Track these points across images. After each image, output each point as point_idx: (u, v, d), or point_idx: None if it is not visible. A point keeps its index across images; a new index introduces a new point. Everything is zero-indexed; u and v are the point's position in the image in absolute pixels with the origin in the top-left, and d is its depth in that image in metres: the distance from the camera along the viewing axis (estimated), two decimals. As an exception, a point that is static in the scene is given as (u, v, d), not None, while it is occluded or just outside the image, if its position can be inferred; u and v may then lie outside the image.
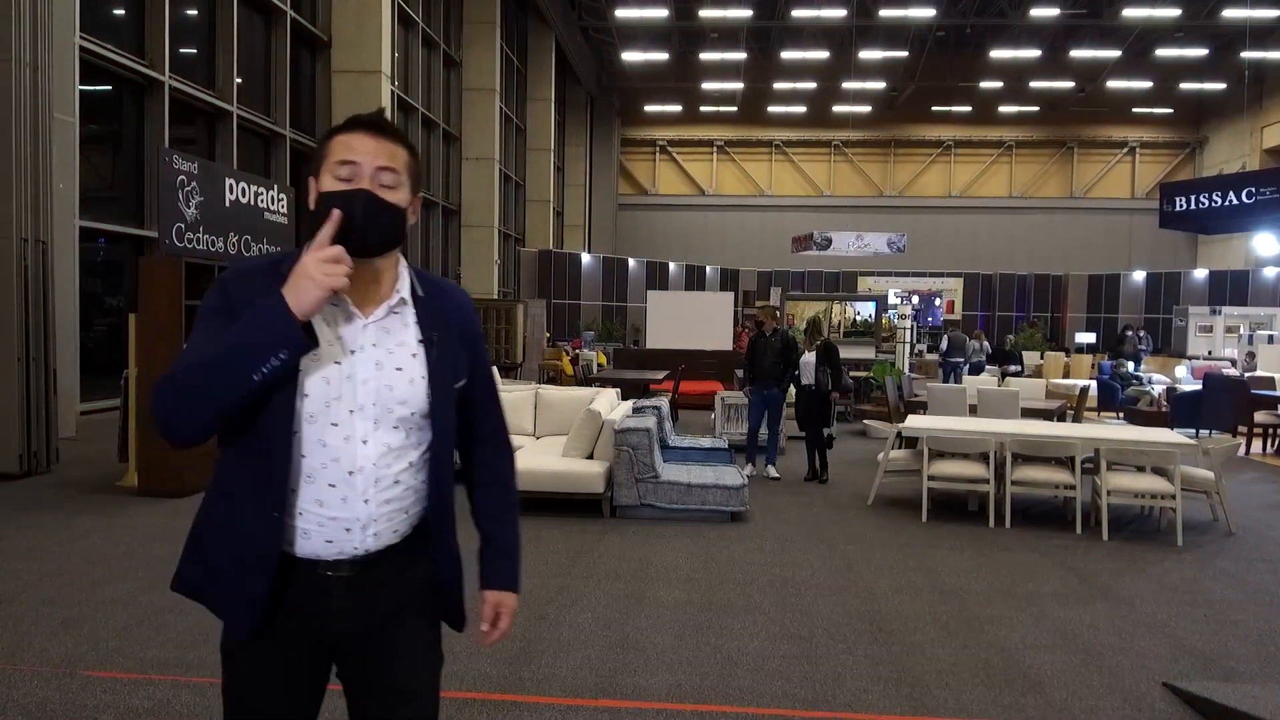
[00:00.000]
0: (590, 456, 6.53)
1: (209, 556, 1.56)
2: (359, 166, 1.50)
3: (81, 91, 9.68)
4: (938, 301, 27.93)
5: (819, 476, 7.89)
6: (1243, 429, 10.96)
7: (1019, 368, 18.82)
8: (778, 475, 7.95)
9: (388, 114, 1.64)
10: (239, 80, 12.79)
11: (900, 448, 7.28)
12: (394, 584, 1.61)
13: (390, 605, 1.61)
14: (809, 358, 8.04)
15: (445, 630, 1.73)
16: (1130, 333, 20.35)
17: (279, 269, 1.50)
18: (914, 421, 7.11)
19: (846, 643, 3.93)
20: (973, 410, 8.66)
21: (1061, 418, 9.08)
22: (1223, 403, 11.08)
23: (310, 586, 1.54)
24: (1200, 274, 26.55)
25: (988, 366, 17.71)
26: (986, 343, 18.34)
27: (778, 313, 8.80)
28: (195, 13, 12.34)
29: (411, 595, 1.64)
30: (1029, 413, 8.79)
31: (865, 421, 10.46)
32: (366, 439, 1.52)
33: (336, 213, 1.46)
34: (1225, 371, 13.73)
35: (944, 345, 17.73)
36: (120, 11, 11.07)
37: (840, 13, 24.25)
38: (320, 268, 1.39)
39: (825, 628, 4.11)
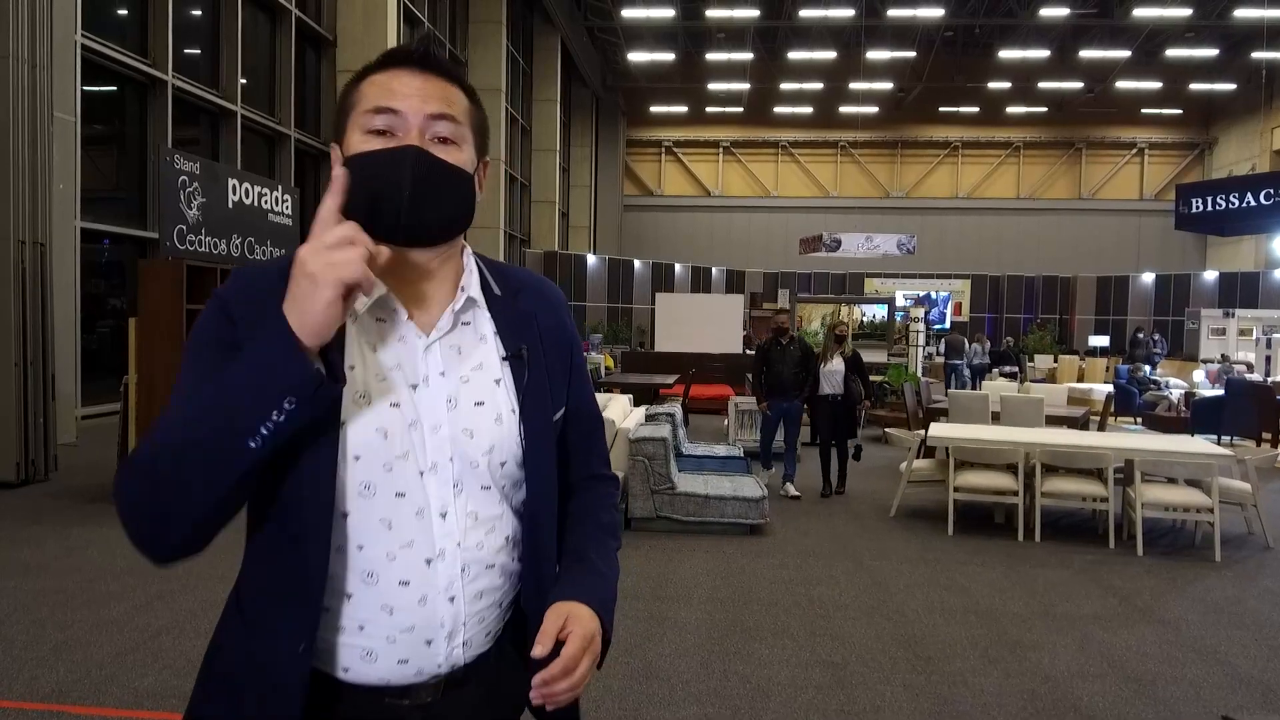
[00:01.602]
0: (604, 466, 6.32)
1: (224, 690, 1.09)
2: (402, 116, 1.03)
3: (84, 91, 9.51)
4: (939, 301, 27.67)
5: (837, 490, 7.52)
6: (1266, 435, 10.73)
7: (1015, 369, 18.70)
8: (797, 494, 7.32)
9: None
10: (243, 80, 12.61)
11: (921, 456, 7.07)
12: (483, 708, 1.15)
13: None
14: (837, 366, 7.45)
15: None
16: (1142, 335, 20.13)
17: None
18: (938, 430, 6.89)
19: (883, 671, 3.71)
20: (995, 417, 8.44)
21: (1085, 425, 8.85)
22: (1245, 408, 10.84)
23: None
24: (1210, 276, 26.28)
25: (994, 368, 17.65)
26: (988, 344, 18.16)
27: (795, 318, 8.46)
28: (199, 11, 12.16)
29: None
30: (1052, 420, 8.57)
31: (886, 430, 10.21)
32: (446, 510, 1.06)
33: (340, 172, 0.99)
34: (1247, 376, 13.48)
35: (941, 347, 17.65)
36: (123, 10, 10.89)
37: (848, 13, 24.02)
38: (322, 256, 0.92)
39: (859, 654, 3.90)
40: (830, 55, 26.94)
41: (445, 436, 1.06)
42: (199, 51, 12.18)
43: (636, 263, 26.39)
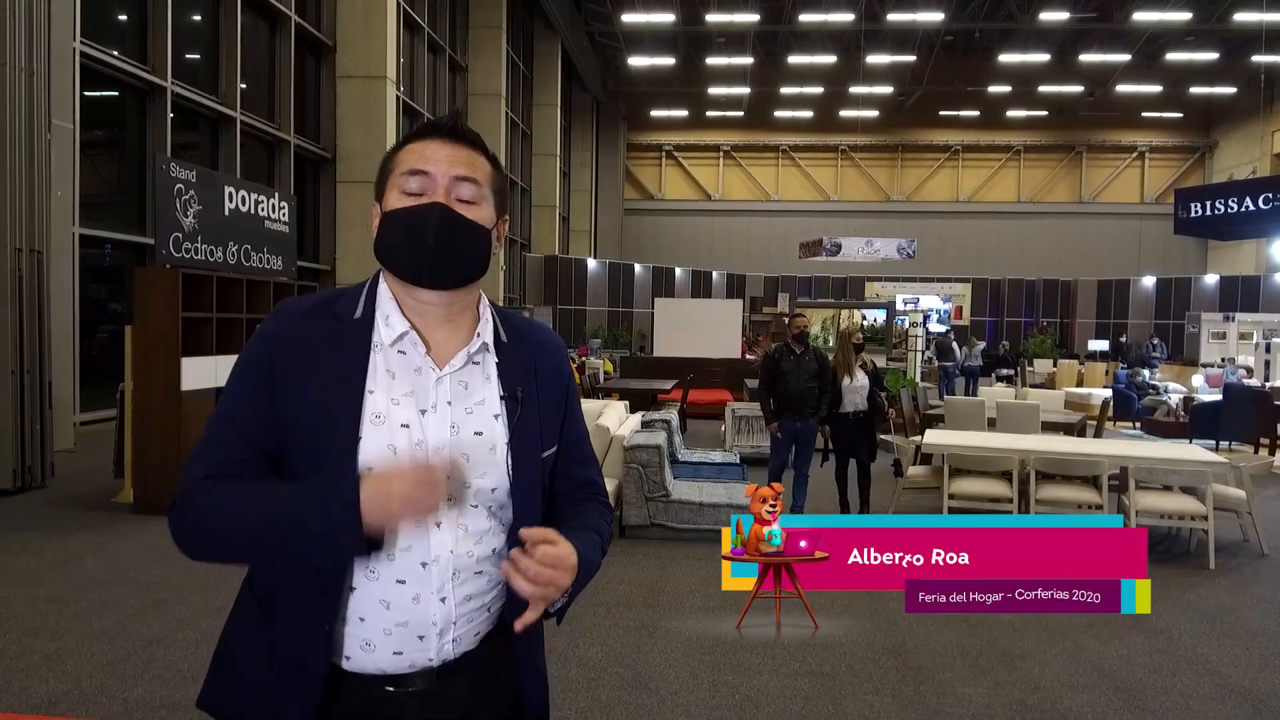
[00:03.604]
0: (599, 474, 6.32)
1: (239, 674, 1.26)
2: (432, 178, 1.23)
3: (83, 97, 9.54)
4: (941, 315, 27.65)
5: (860, 512, 6.86)
6: (1265, 441, 10.72)
7: (1011, 371, 18.75)
8: None
9: (391, 121, 1.39)
10: (242, 86, 12.65)
11: (918, 463, 7.07)
12: (472, 701, 1.29)
13: None
14: (861, 382, 6.68)
15: None
16: (1125, 339, 20.13)
17: (333, 310, 1.26)
18: (934, 436, 6.89)
19: (872, 681, 3.71)
20: (991, 424, 8.44)
21: (1082, 432, 8.85)
22: (1244, 413, 10.83)
23: (369, 710, 1.23)
24: (1211, 279, 26.26)
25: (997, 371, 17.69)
26: (980, 346, 18.20)
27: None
28: (198, 18, 12.21)
29: (493, 716, 1.33)
30: (1049, 426, 8.56)
31: (881, 436, 10.17)
32: (440, 521, 1.22)
33: (437, 471, 1.16)
34: (1245, 381, 13.46)
35: (931, 350, 17.72)
36: (122, 16, 10.93)
37: (848, 17, 24.06)
38: (412, 492, 1.12)
39: (848, 663, 3.90)
40: (830, 59, 26.97)
41: (446, 457, 1.22)
42: (198, 57, 12.22)
43: (637, 267, 26.42)
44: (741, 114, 31.90)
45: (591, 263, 25.74)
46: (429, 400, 1.23)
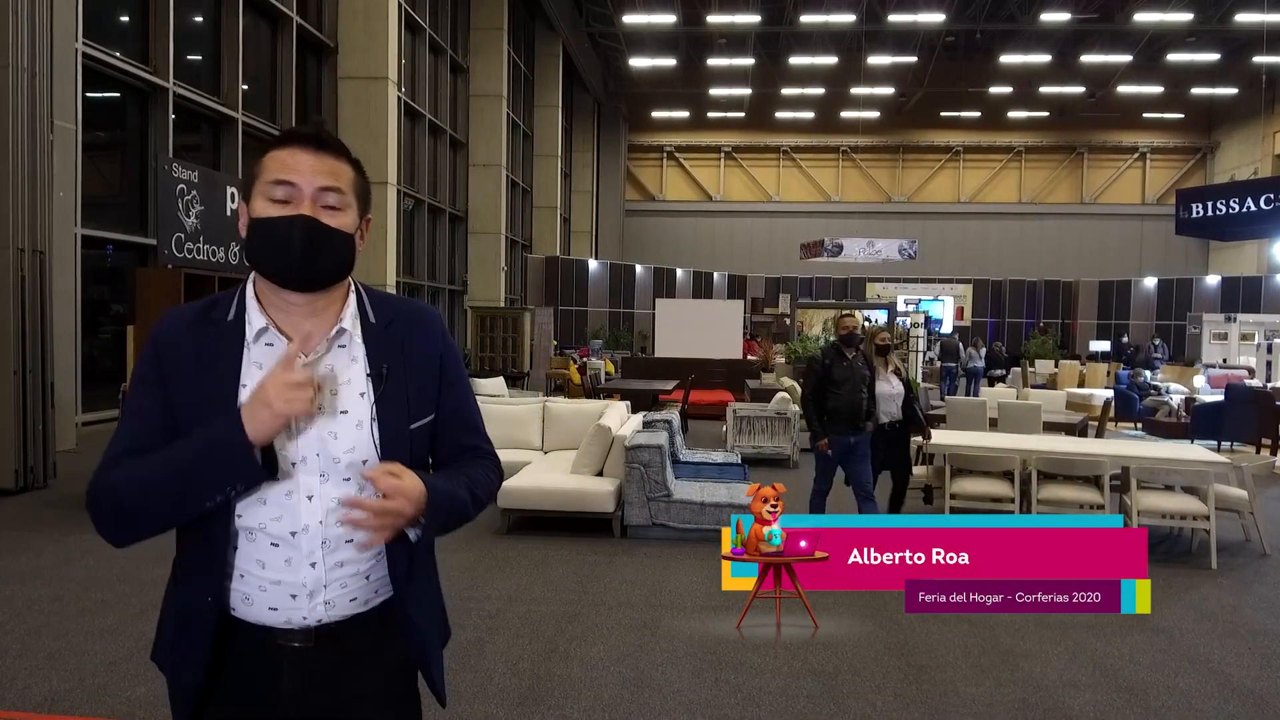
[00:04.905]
0: (600, 473, 6.33)
1: (167, 629, 1.44)
2: (297, 188, 1.31)
3: (85, 98, 9.55)
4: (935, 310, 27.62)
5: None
6: (1266, 441, 10.71)
7: (1004, 372, 18.81)
8: None
9: (393, 122, 1.43)
10: (244, 87, 12.66)
11: (920, 462, 7.07)
12: (359, 665, 1.39)
13: (355, 691, 1.38)
14: (894, 388, 6.17)
15: (445, 676, 1.53)
16: (1126, 340, 20.11)
17: (210, 316, 1.37)
18: (936, 436, 6.88)
19: (874, 680, 3.71)
20: (993, 424, 8.43)
21: (1083, 432, 8.85)
22: (1245, 414, 10.82)
23: (258, 658, 1.35)
24: (1212, 280, 26.25)
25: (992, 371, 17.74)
26: (983, 349, 18.22)
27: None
28: (200, 19, 12.22)
29: (386, 680, 1.42)
30: (1050, 426, 8.56)
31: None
32: (312, 494, 1.32)
33: (294, 349, 1.29)
34: (1246, 381, 13.45)
35: (936, 351, 17.71)
36: (124, 18, 10.94)
37: (849, 18, 24.06)
38: (282, 393, 1.23)
39: (850, 663, 3.90)
40: (831, 60, 26.98)
41: (313, 437, 1.33)
42: (200, 58, 12.23)
43: (638, 268, 26.42)
44: (743, 115, 31.91)
45: (593, 264, 25.74)
46: None
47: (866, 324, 17.15)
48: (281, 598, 1.33)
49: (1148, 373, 15.27)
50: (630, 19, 24.10)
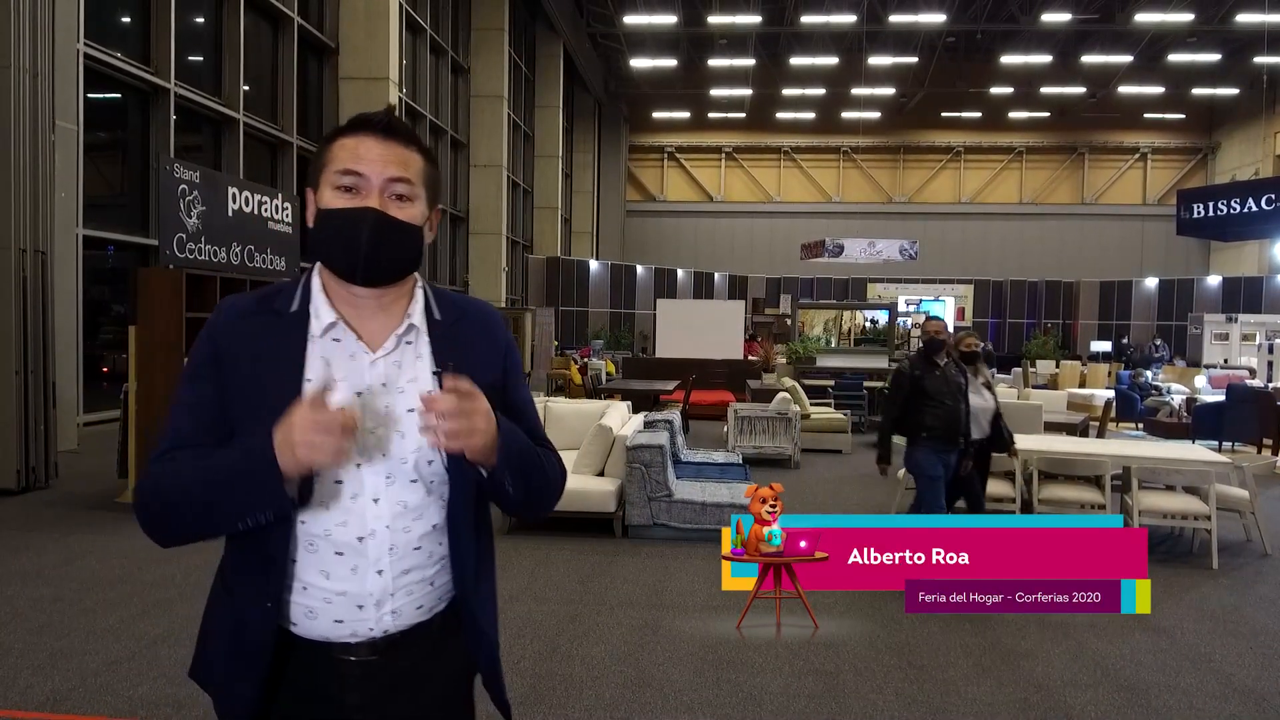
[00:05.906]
0: (601, 473, 6.34)
1: (214, 644, 1.36)
2: (365, 178, 1.26)
3: (86, 99, 9.56)
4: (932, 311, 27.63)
5: None
6: (1267, 441, 10.71)
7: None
8: None
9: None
10: (245, 87, 12.67)
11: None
12: (421, 675, 1.34)
13: (421, 700, 1.34)
14: (986, 401, 5.43)
15: None
16: (1127, 340, 20.10)
17: (272, 307, 1.32)
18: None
19: (875, 680, 3.72)
20: (993, 424, 8.41)
21: (1084, 432, 8.84)
22: (1246, 414, 10.82)
23: (320, 675, 1.29)
24: (1213, 281, 26.24)
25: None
26: (985, 347, 18.25)
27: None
28: (201, 20, 12.24)
29: (445, 690, 1.38)
30: (1051, 426, 8.56)
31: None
32: (378, 497, 1.27)
33: (331, 393, 1.21)
34: (1247, 381, 13.45)
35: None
36: (126, 19, 10.96)
37: (850, 18, 24.07)
38: (306, 435, 1.14)
39: (851, 662, 3.90)
40: (832, 61, 26.98)
41: (380, 436, 1.27)
42: (201, 59, 12.24)
43: (639, 268, 26.43)
44: (743, 115, 31.92)
45: (593, 264, 25.75)
46: (363, 383, 1.29)
47: (866, 324, 17.14)
48: (348, 609, 1.27)
49: (1149, 373, 15.27)
50: (631, 19, 24.12)
